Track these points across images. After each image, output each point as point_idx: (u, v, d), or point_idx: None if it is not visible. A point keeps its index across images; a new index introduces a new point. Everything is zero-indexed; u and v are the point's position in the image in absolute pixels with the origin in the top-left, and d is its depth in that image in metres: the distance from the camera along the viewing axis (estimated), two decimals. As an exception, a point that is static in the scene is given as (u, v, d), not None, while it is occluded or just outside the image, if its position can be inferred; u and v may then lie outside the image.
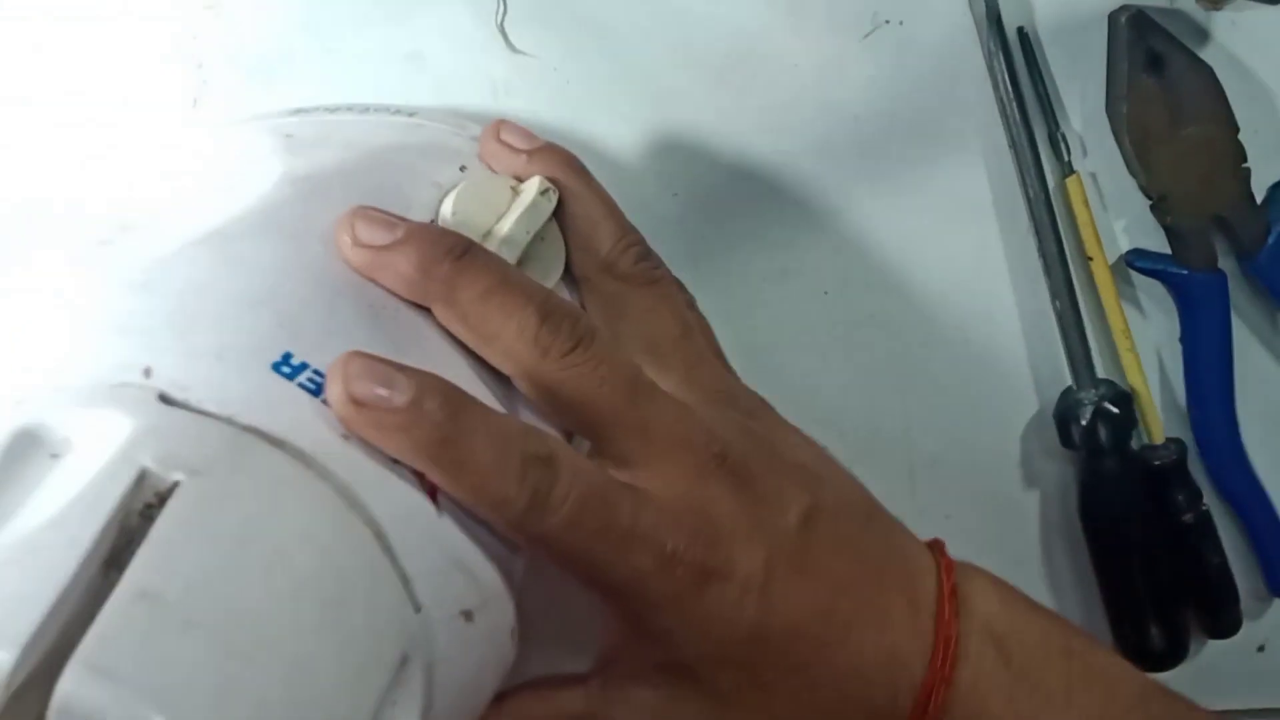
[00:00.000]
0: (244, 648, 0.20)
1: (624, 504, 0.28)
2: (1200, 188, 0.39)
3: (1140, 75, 0.38)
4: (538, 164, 0.33)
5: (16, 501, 0.21)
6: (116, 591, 0.20)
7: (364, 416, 0.25)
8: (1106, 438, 0.39)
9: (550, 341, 0.28)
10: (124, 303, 0.27)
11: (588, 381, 0.29)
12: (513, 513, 0.27)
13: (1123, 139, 0.39)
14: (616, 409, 0.29)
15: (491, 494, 0.27)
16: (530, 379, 0.29)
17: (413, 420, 0.25)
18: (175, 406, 0.24)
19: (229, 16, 0.38)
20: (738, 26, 0.39)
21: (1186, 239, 0.40)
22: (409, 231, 0.29)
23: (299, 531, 0.23)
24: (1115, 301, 0.40)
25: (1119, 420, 0.39)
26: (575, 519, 0.27)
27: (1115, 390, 0.40)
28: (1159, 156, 0.39)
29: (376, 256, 0.29)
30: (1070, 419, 0.40)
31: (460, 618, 0.27)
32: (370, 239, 0.29)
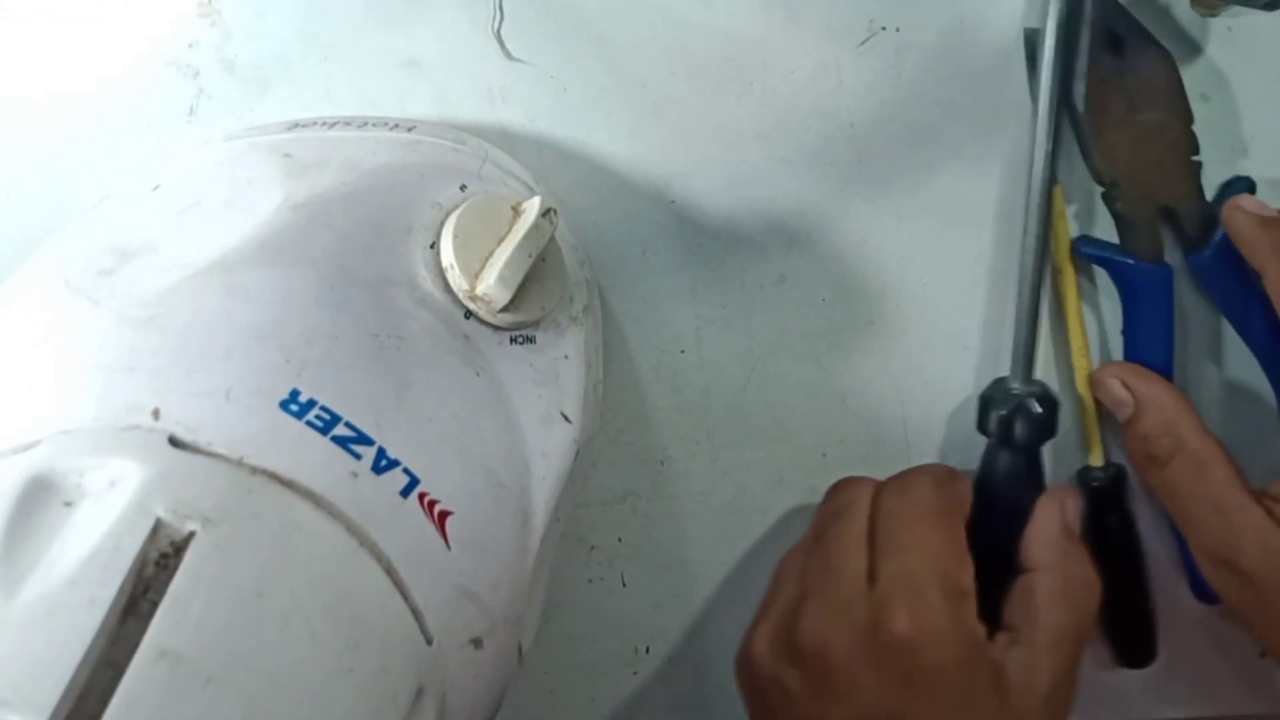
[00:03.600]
0: (265, 701, 0.21)
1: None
2: (1151, 177, 0.39)
3: (1100, 55, 0.38)
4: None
5: (34, 555, 0.22)
6: (139, 653, 0.20)
7: None
8: (1020, 433, 0.38)
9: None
10: (129, 340, 0.27)
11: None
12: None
13: (1078, 120, 0.39)
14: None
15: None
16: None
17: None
18: (185, 450, 0.24)
19: (225, 25, 0.38)
20: (734, 33, 0.39)
21: (1135, 228, 0.39)
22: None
23: (313, 576, 0.23)
24: (1078, 316, 0.40)
25: (1038, 421, 0.38)
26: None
27: (1045, 392, 0.39)
28: (1112, 141, 0.38)
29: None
30: (991, 405, 0.39)
31: (470, 645, 0.28)
32: None
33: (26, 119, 0.39)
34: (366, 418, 0.27)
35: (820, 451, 0.42)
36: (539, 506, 0.31)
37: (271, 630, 0.22)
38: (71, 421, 0.25)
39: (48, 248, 0.32)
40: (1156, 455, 0.37)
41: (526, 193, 0.35)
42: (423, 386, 0.28)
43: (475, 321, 0.31)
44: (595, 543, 0.43)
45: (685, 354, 0.41)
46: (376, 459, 0.26)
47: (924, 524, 0.36)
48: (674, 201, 0.40)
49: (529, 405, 0.32)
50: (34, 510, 0.22)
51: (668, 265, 0.40)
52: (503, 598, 0.29)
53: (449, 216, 0.32)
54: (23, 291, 0.30)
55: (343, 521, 0.25)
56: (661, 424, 0.42)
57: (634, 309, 0.41)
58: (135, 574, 0.21)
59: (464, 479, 0.28)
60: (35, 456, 0.24)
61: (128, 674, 0.20)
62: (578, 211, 0.40)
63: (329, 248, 0.30)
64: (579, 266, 0.37)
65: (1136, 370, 0.39)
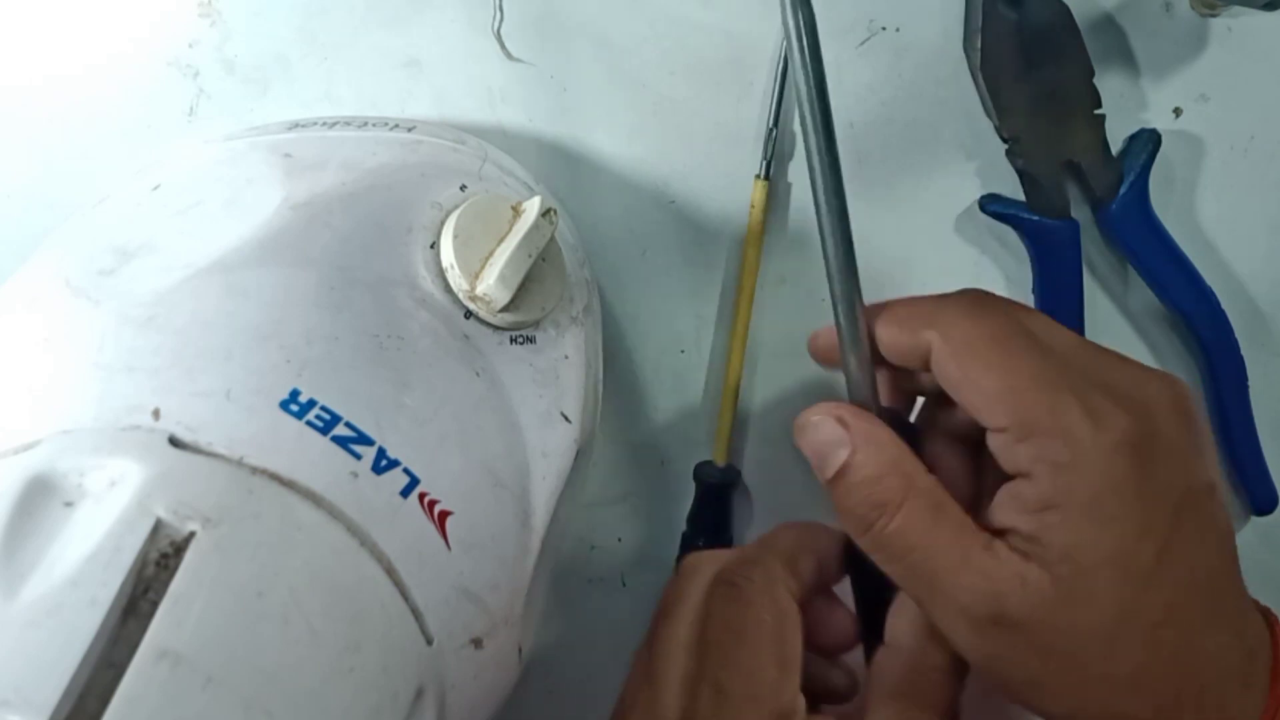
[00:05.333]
0: (265, 701, 0.21)
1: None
2: (1054, 131, 0.38)
3: (996, 8, 0.37)
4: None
5: (35, 555, 0.22)
6: (139, 653, 0.20)
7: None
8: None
9: None
10: (130, 340, 0.27)
11: None
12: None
13: (977, 76, 0.38)
14: None
15: None
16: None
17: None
18: (186, 450, 0.24)
19: (225, 25, 0.38)
20: (734, 33, 0.39)
21: (1040, 185, 0.39)
22: None
23: (313, 576, 0.23)
24: (748, 305, 0.41)
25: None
26: None
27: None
28: (1013, 97, 0.38)
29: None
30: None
31: (470, 645, 0.28)
32: None
33: (26, 119, 0.39)
34: (366, 418, 0.27)
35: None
36: (539, 506, 0.31)
37: (271, 630, 0.22)
38: (72, 421, 0.25)
39: (48, 248, 0.32)
40: (884, 501, 0.31)
41: (526, 193, 0.35)
42: (423, 386, 0.28)
43: (475, 321, 0.31)
44: (595, 543, 0.43)
45: (685, 354, 0.41)
46: (376, 459, 0.26)
47: (748, 638, 0.32)
48: (674, 201, 0.40)
49: (529, 405, 0.32)
50: (34, 510, 0.22)
51: (668, 265, 0.40)
52: (503, 598, 0.29)
53: (449, 216, 0.32)
54: (23, 291, 0.30)
55: (343, 521, 0.25)
56: (661, 424, 0.42)
57: (634, 309, 0.41)
58: (135, 574, 0.21)
59: (464, 479, 0.28)
60: (36, 456, 0.24)
61: (128, 674, 0.20)
62: (578, 211, 0.40)
63: (329, 248, 0.30)
64: (579, 266, 0.37)
65: (849, 408, 0.33)
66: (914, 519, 0.31)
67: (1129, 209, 0.39)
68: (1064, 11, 0.38)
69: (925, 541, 0.30)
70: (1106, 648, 0.29)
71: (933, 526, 0.30)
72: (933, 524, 0.31)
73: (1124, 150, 0.39)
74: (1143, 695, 0.29)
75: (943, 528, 0.30)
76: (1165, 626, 0.29)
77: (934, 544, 0.30)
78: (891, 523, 0.31)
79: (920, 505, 0.31)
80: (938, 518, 0.31)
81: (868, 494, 0.31)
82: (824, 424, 0.32)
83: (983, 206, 0.40)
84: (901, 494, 0.31)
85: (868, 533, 0.31)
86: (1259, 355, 0.41)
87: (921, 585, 0.31)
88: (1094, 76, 0.38)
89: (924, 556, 0.30)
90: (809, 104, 0.31)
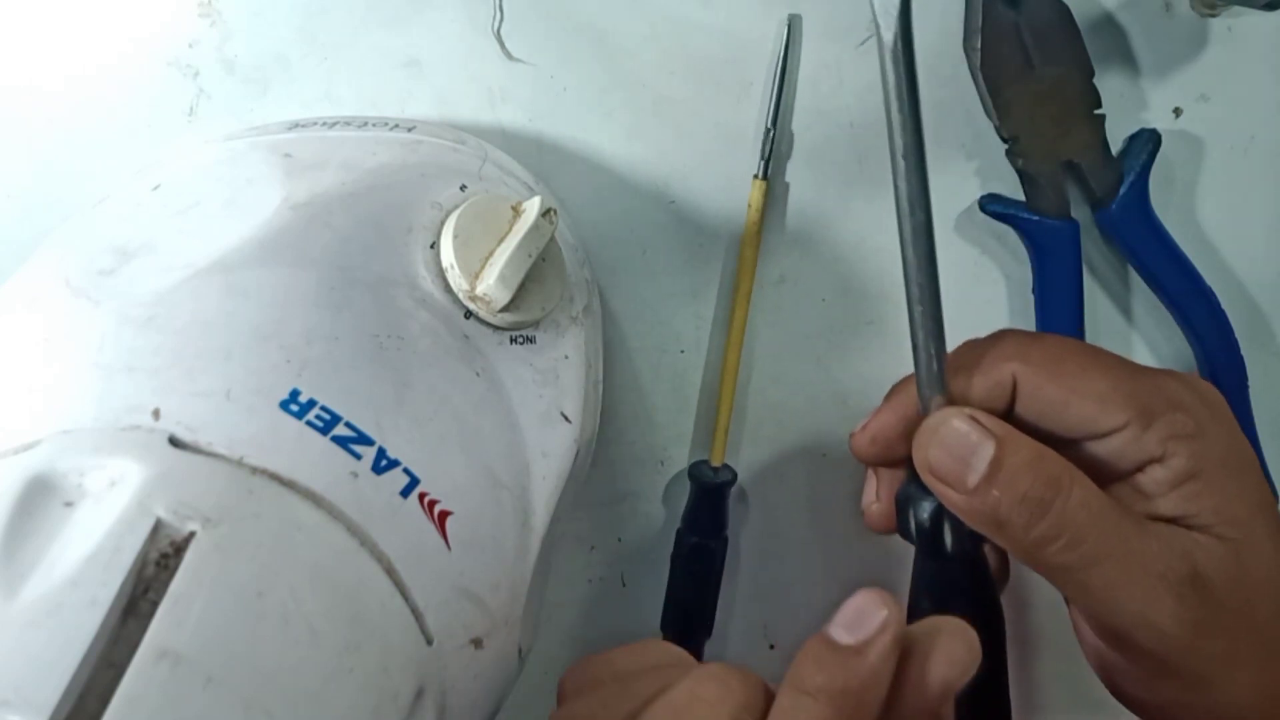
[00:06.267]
0: (265, 701, 0.21)
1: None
2: (1053, 131, 0.38)
3: (995, 8, 0.37)
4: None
5: (35, 555, 0.22)
6: (139, 653, 0.20)
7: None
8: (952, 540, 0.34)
9: None
10: (130, 340, 0.27)
11: None
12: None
13: (977, 76, 0.38)
14: None
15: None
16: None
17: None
18: (186, 450, 0.24)
19: (225, 25, 0.38)
20: (734, 33, 0.39)
21: (1040, 185, 0.39)
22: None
23: (313, 576, 0.23)
24: (745, 303, 0.40)
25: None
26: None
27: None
28: (1013, 96, 0.38)
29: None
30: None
31: (470, 646, 0.28)
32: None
33: (27, 119, 0.38)
34: (366, 418, 0.27)
35: (820, 452, 0.42)
36: (539, 506, 0.31)
37: (271, 630, 0.22)
38: (72, 421, 0.25)
39: (48, 248, 0.32)
40: (1057, 476, 0.29)
41: (526, 193, 0.36)
42: (423, 386, 0.28)
43: (475, 321, 0.31)
44: (595, 543, 0.43)
45: (685, 354, 0.41)
46: (376, 459, 0.26)
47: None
48: (674, 201, 0.40)
49: (529, 405, 0.32)
50: (34, 510, 0.22)
51: (668, 265, 0.40)
52: (503, 598, 0.29)
53: (449, 216, 0.32)
54: (23, 291, 0.30)
55: (343, 521, 0.25)
56: (661, 424, 0.42)
57: (634, 309, 0.41)
58: (135, 574, 0.21)
59: (464, 479, 0.28)
60: (36, 456, 0.24)
61: (128, 674, 0.20)
62: (578, 211, 0.40)
63: (329, 248, 0.30)
64: (579, 266, 0.37)
65: (973, 409, 0.31)
66: (1090, 486, 0.29)
67: (1129, 209, 0.39)
68: (1064, 11, 0.38)
69: (1110, 506, 0.29)
70: (1278, 606, 0.30)
71: (1109, 502, 0.29)
72: (1108, 500, 0.29)
73: (1124, 150, 0.39)
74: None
75: (1115, 503, 0.30)
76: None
77: (1117, 509, 0.29)
78: (1073, 495, 0.29)
79: (1089, 486, 0.29)
80: (1106, 496, 0.30)
81: (1037, 475, 0.29)
82: (958, 424, 0.30)
83: (983, 206, 0.40)
84: (1068, 466, 0.29)
85: (1045, 517, 0.29)
86: (1259, 355, 0.41)
87: (1116, 563, 0.29)
88: (1094, 76, 0.38)
89: (1114, 523, 0.29)
90: (905, 165, 0.31)
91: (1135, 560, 0.29)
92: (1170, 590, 0.29)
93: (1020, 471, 0.29)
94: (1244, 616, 0.29)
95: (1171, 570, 0.29)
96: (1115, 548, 0.29)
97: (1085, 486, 0.29)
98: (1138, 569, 0.29)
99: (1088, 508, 0.29)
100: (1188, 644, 0.29)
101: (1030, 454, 0.30)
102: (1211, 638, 0.29)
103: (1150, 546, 0.29)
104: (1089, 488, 0.29)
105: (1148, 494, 0.30)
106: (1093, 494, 0.29)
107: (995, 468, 0.29)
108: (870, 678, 0.25)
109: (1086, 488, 0.29)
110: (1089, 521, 0.29)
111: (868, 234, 0.40)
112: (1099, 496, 0.29)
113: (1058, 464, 0.30)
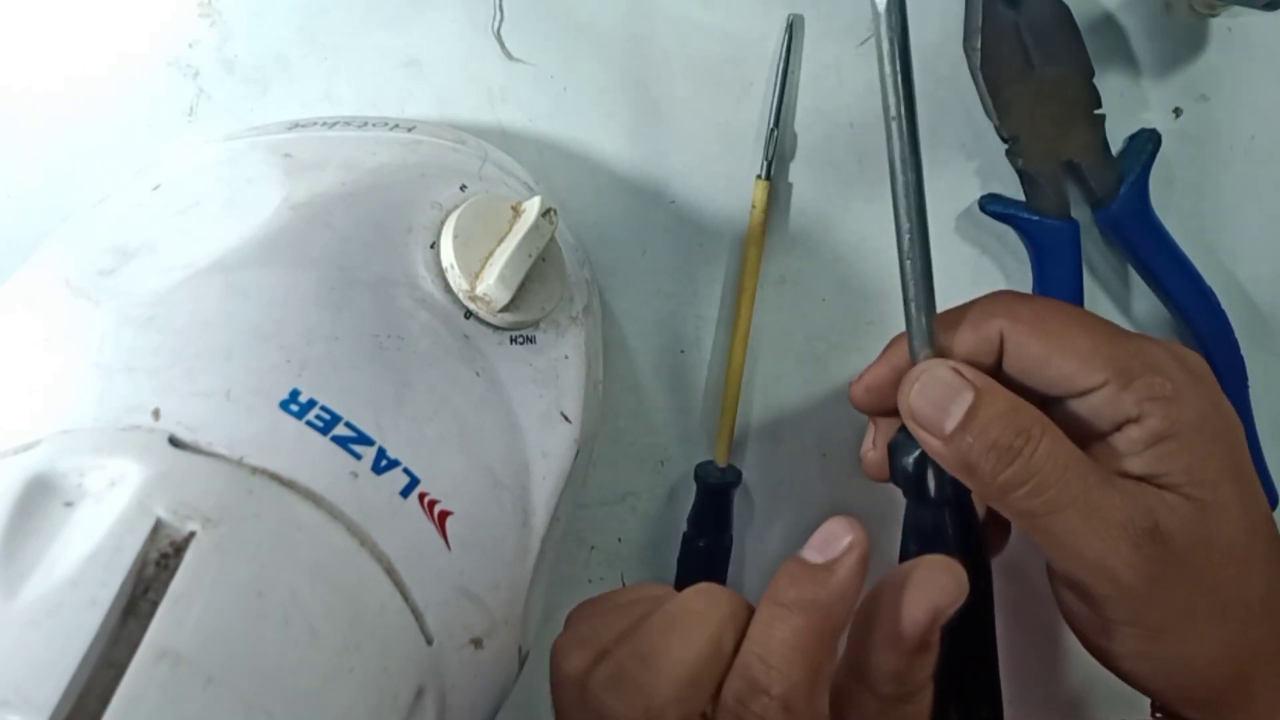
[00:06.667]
0: (265, 701, 0.21)
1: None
2: (1053, 131, 0.38)
3: (996, 8, 0.37)
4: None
5: (34, 555, 0.22)
6: (139, 653, 0.20)
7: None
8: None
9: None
10: (130, 340, 0.27)
11: None
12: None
13: (977, 76, 0.38)
14: None
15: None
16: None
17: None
18: (186, 450, 0.24)
19: (225, 25, 0.38)
20: (734, 33, 0.39)
21: (1040, 185, 0.39)
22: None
23: (313, 576, 0.23)
24: (750, 302, 0.41)
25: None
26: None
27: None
28: (1013, 96, 0.38)
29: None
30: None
31: (470, 645, 0.28)
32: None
33: (26, 119, 0.38)
34: (366, 418, 0.27)
35: (820, 451, 0.42)
36: (539, 506, 0.31)
37: (271, 630, 0.22)
38: (72, 421, 0.25)
39: (48, 248, 0.32)
40: (1027, 426, 0.30)
41: (526, 193, 0.35)
42: (423, 386, 0.28)
43: (475, 321, 0.31)
44: (595, 543, 0.43)
45: (685, 354, 0.41)
46: (376, 459, 0.26)
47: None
48: (674, 201, 0.40)
49: (529, 405, 0.32)
50: (34, 510, 0.22)
51: (667, 266, 0.40)
52: (503, 598, 0.29)
53: (449, 216, 0.32)
54: (23, 291, 0.30)
55: (343, 521, 0.25)
56: (661, 424, 0.42)
57: (634, 309, 0.41)
58: (135, 574, 0.21)
59: (464, 479, 0.28)
60: (36, 456, 0.24)
61: (128, 674, 0.20)
62: (578, 211, 0.40)
63: (329, 248, 0.30)
64: (579, 266, 0.37)
65: (957, 361, 0.32)
66: (1060, 439, 0.31)
67: (1129, 209, 0.39)
68: (1064, 11, 0.38)
69: (1077, 458, 0.30)
70: (1242, 569, 0.30)
71: (1071, 451, 0.31)
72: (1070, 450, 0.31)
73: (1124, 150, 0.39)
74: (1272, 622, 0.31)
75: (1081, 455, 0.31)
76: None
77: (1084, 461, 0.30)
78: (1040, 445, 0.30)
79: (1059, 437, 0.31)
80: (1074, 448, 0.31)
81: (1008, 424, 0.31)
82: (941, 372, 0.32)
83: (983, 206, 0.40)
84: (1041, 419, 0.31)
85: (1012, 464, 0.30)
86: (1259, 355, 0.41)
87: (1077, 511, 0.30)
88: (1094, 76, 0.38)
89: (1078, 475, 0.30)
90: (899, 130, 0.33)
91: (1097, 510, 0.30)
92: (1128, 540, 0.30)
93: (993, 421, 0.31)
94: (1204, 575, 0.30)
95: (1132, 523, 0.30)
96: (1077, 497, 0.30)
97: (1055, 438, 0.31)
98: (1098, 519, 0.30)
99: (1054, 458, 0.30)
100: (1144, 594, 0.30)
101: (1005, 405, 0.31)
102: (1169, 591, 0.30)
103: (1113, 499, 0.30)
104: (1059, 440, 0.31)
105: (1122, 452, 0.31)
106: (1062, 446, 0.31)
107: (970, 416, 0.31)
108: (837, 590, 0.28)
109: (1056, 439, 0.31)
110: (1054, 471, 0.30)
111: (868, 234, 0.40)
112: (1068, 449, 0.31)
113: (1030, 417, 0.31)
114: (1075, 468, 0.30)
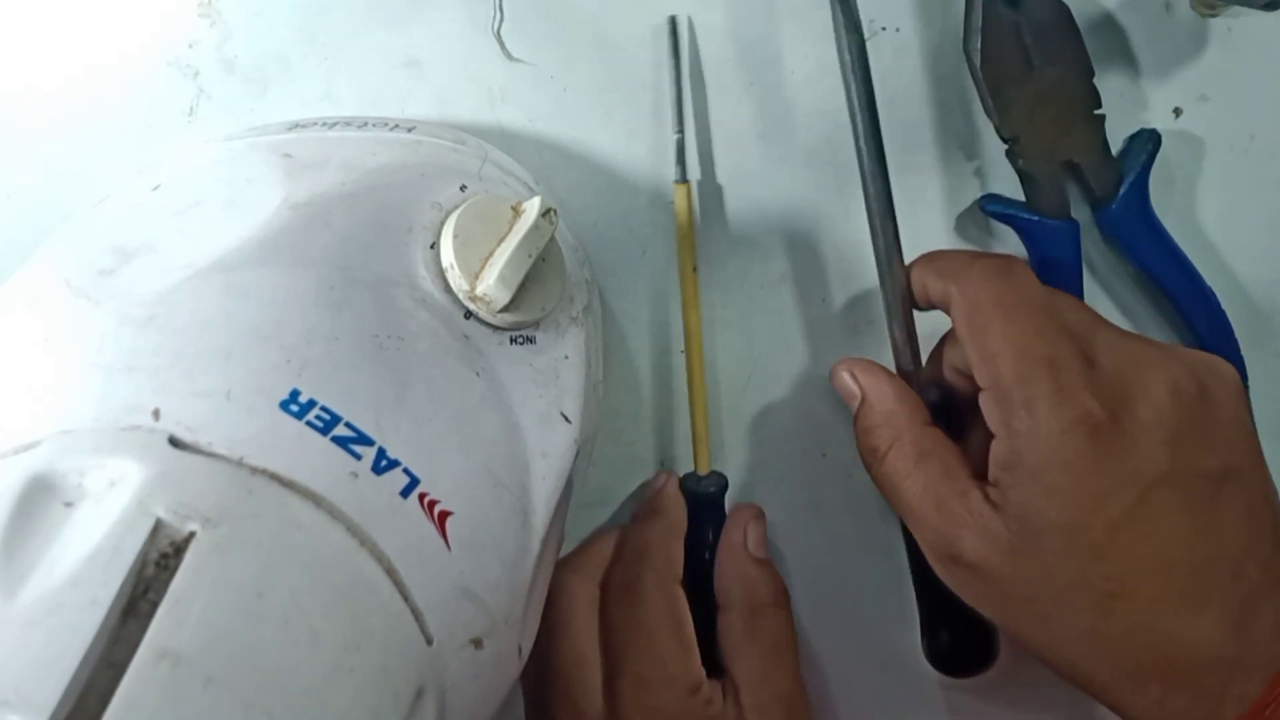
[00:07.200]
0: (265, 702, 0.21)
1: None
2: (1053, 131, 0.38)
3: (996, 8, 0.37)
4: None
5: (34, 555, 0.22)
6: (139, 653, 0.20)
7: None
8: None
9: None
10: (130, 340, 0.27)
11: None
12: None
13: (977, 76, 0.38)
14: None
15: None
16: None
17: None
18: (186, 450, 0.24)
19: (225, 25, 0.38)
20: (734, 33, 0.39)
21: (1039, 185, 0.39)
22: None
23: (313, 576, 0.23)
24: (696, 315, 0.41)
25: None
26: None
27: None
28: (1013, 96, 0.38)
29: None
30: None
31: (470, 645, 0.28)
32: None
33: (27, 119, 0.39)
34: (366, 418, 0.27)
35: (820, 451, 0.42)
36: (539, 506, 0.31)
37: (271, 630, 0.22)
38: (72, 422, 0.25)
39: (48, 248, 0.32)
40: (875, 447, 0.35)
41: (526, 193, 0.36)
42: (423, 386, 0.28)
43: (475, 321, 0.31)
44: (595, 543, 0.43)
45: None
46: (376, 459, 0.26)
47: (654, 630, 0.37)
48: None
49: (529, 405, 0.32)
50: (34, 510, 0.22)
51: (668, 265, 0.40)
52: (503, 598, 0.29)
53: (449, 216, 0.32)
54: (23, 291, 0.30)
55: (343, 521, 0.25)
56: (661, 424, 0.42)
57: (634, 309, 0.41)
58: (135, 574, 0.21)
59: (464, 479, 0.28)
60: (35, 457, 0.24)
61: (128, 674, 0.20)
62: (578, 211, 0.40)
63: (329, 248, 0.30)
64: (579, 266, 0.37)
65: (863, 364, 0.37)
66: (896, 465, 0.34)
67: (1129, 209, 0.39)
68: (1064, 11, 0.38)
69: (904, 485, 0.34)
70: (1057, 604, 0.32)
71: (913, 471, 0.34)
72: (913, 469, 0.34)
73: (1124, 150, 0.39)
74: (1098, 655, 0.31)
75: (922, 474, 0.34)
76: (1120, 599, 0.31)
77: (911, 488, 0.34)
78: (879, 466, 0.35)
79: (904, 454, 0.34)
80: (920, 465, 0.34)
81: (865, 441, 0.36)
82: (839, 376, 0.37)
83: (983, 206, 0.40)
84: (888, 444, 0.35)
85: (869, 471, 0.36)
86: (1259, 355, 0.41)
87: (905, 519, 0.35)
88: (1094, 76, 0.38)
89: (903, 499, 0.34)
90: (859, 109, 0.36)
91: (916, 528, 0.34)
92: (936, 559, 0.34)
93: (860, 432, 0.36)
94: (1018, 602, 0.32)
95: (936, 546, 0.34)
96: (907, 512, 0.35)
97: (898, 458, 0.35)
98: (916, 534, 0.35)
99: (892, 475, 0.35)
100: (963, 599, 0.34)
101: (870, 421, 0.36)
102: (978, 603, 0.34)
103: (931, 521, 0.34)
104: (903, 459, 0.34)
105: (991, 459, 0.33)
106: (904, 465, 0.34)
107: (854, 418, 0.37)
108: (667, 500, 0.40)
109: (899, 459, 0.35)
110: (891, 487, 0.35)
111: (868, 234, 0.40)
112: (910, 467, 0.34)
113: (885, 434, 0.35)
114: (904, 493, 0.34)
